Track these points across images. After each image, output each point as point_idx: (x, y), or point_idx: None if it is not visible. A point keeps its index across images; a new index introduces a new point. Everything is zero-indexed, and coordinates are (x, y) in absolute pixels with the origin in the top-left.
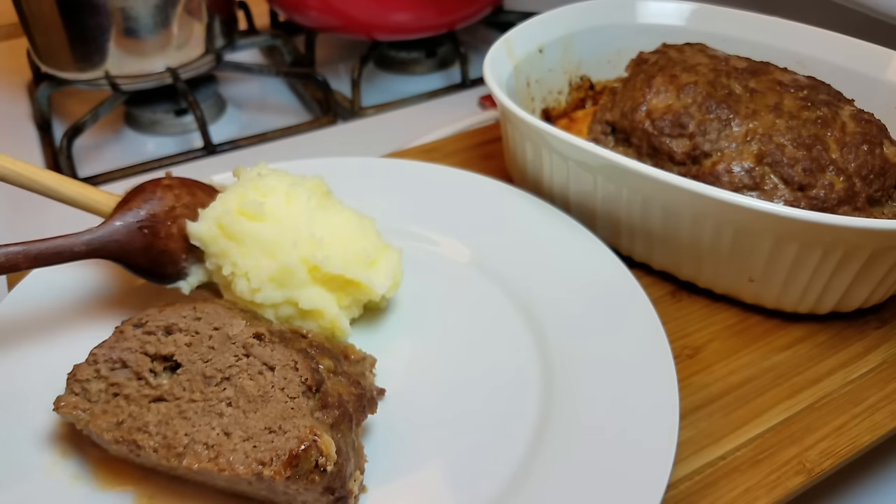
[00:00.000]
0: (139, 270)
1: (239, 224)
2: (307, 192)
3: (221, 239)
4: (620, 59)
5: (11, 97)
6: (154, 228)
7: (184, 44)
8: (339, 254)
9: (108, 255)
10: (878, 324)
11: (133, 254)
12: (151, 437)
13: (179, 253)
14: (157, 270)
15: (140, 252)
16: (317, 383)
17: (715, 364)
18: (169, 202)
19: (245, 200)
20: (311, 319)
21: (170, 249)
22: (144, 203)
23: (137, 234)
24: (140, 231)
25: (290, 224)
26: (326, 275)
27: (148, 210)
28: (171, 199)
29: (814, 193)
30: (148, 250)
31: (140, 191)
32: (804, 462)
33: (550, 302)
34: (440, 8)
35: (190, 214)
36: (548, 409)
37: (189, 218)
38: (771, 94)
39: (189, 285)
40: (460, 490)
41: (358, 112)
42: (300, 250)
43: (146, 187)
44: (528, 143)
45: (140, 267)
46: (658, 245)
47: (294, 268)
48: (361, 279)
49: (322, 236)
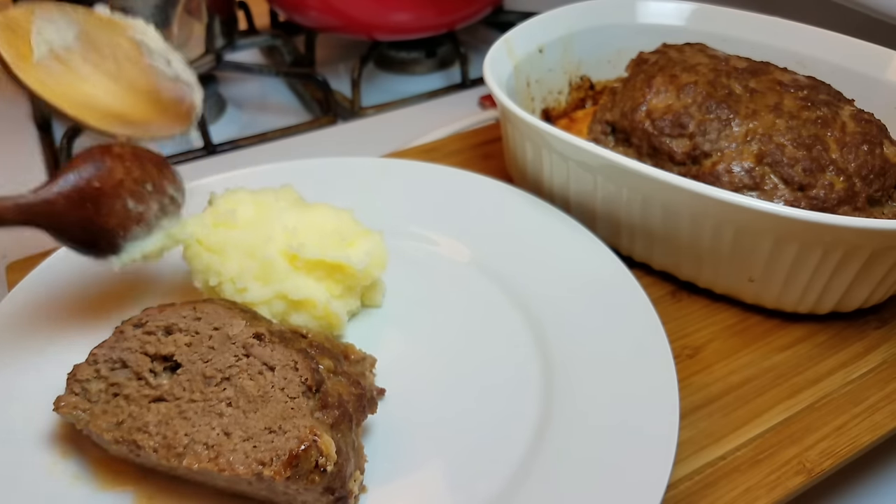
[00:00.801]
0: (69, 243)
1: (216, 235)
2: (274, 196)
3: (204, 254)
4: (620, 59)
5: (11, 97)
6: (97, 203)
7: (184, 44)
8: (315, 240)
9: (40, 223)
10: (878, 324)
11: (69, 227)
12: (151, 437)
13: (118, 230)
14: (89, 246)
15: (77, 226)
16: (317, 383)
17: (715, 364)
18: (118, 175)
19: (218, 213)
20: (304, 311)
21: (109, 227)
22: (92, 173)
23: (78, 206)
24: (82, 204)
25: (262, 223)
26: (307, 262)
27: (95, 182)
28: (120, 171)
29: (814, 193)
30: (86, 225)
31: (88, 157)
32: (804, 462)
33: (550, 302)
34: (440, 8)
35: (137, 191)
36: (547, 409)
37: (135, 197)
38: (771, 94)
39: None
40: (460, 490)
41: (358, 112)
42: (276, 243)
43: (95, 154)
44: (528, 143)
45: (72, 240)
46: (658, 245)
47: (273, 260)
48: (340, 259)
49: (295, 227)
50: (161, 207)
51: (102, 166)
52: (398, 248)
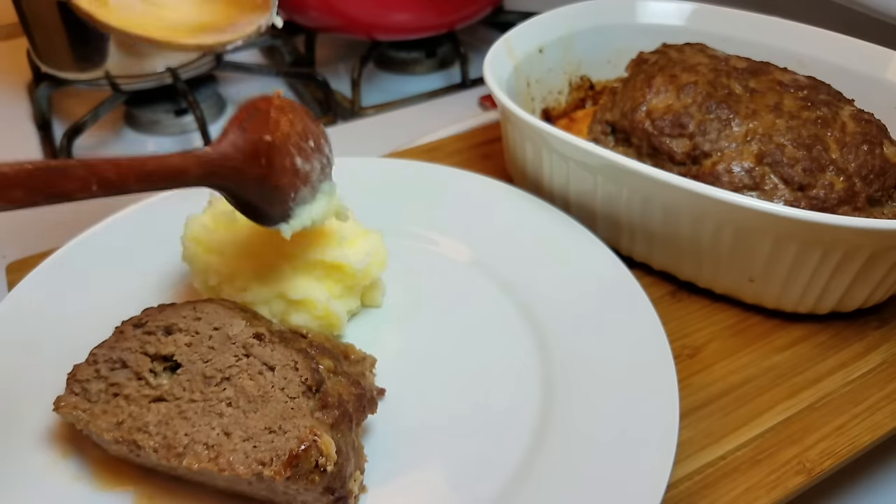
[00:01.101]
0: (246, 206)
1: (215, 236)
2: None
3: (202, 255)
4: (620, 59)
5: (11, 97)
6: (270, 158)
7: None
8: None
9: (221, 181)
10: (878, 324)
11: (247, 184)
12: (151, 437)
13: (289, 190)
14: (264, 207)
15: (254, 184)
16: (317, 383)
17: (715, 364)
18: (285, 128)
19: (216, 213)
20: (303, 310)
21: (282, 185)
22: (262, 127)
23: (253, 161)
24: (257, 159)
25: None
26: (307, 262)
27: (266, 136)
28: (286, 124)
29: (814, 193)
30: (262, 183)
31: (253, 110)
32: (804, 462)
33: (550, 302)
34: (440, 8)
35: (302, 148)
36: (547, 409)
37: (301, 154)
38: (771, 94)
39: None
40: (460, 490)
41: (358, 112)
42: (276, 244)
43: (260, 106)
44: (528, 143)
45: (249, 202)
46: (658, 245)
47: (273, 261)
48: (339, 259)
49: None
50: (321, 168)
51: (269, 119)
52: (398, 248)
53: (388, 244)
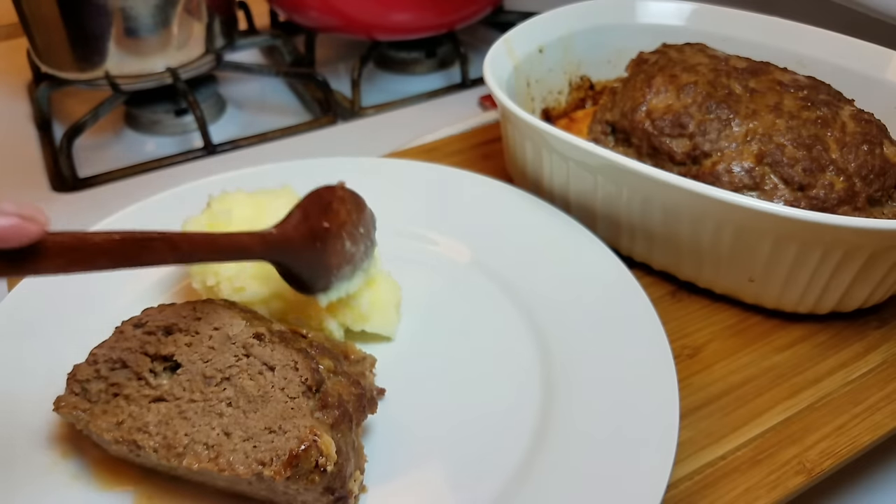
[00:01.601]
0: (294, 279)
1: None
2: (272, 196)
3: None
4: (620, 59)
5: (11, 97)
6: (325, 243)
7: (184, 44)
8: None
9: (279, 257)
10: (878, 324)
11: (301, 264)
12: (151, 437)
13: (334, 269)
14: (311, 281)
15: (307, 263)
16: (317, 383)
17: (715, 364)
18: (342, 217)
19: (213, 215)
20: (301, 312)
21: (331, 265)
22: (323, 215)
23: (310, 244)
24: (312, 243)
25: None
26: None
27: (325, 223)
28: (344, 213)
29: (814, 193)
30: (314, 263)
31: (317, 198)
32: (804, 462)
33: (550, 302)
34: (440, 8)
35: (354, 234)
36: (548, 408)
37: (352, 238)
38: (771, 94)
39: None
40: (460, 490)
41: (358, 112)
42: None
43: (325, 196)
44: (528, 143)
45: (299, 277)
46: (658, 245)
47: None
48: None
49: None
50: (366, 249)
51: (330, 209)
52: (398, 248)
53: (388, 244)
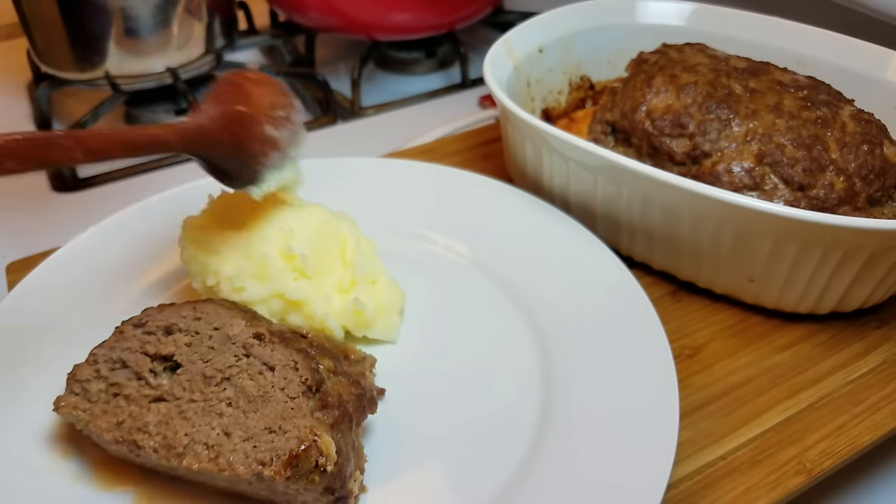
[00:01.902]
0: (219, 171)
1: (210, 236)
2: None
3: (201, 255)
4: (620, 59)
5: (11, 97)
6: (242, 126)
7: (184, 44)
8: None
9: (199, 149)
10: (878, 324)
11: (222, 152)
12: (151, 437)
13: (260, 156)
14: (237, 172)
15: (227, 149)
16: (317, 383)
17: (715, 364)
18: (256, 98)
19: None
20: (300, 313)
21: (254, 151)
22: (237, 99)
23: (227, 129)
24: (229, 127)
25: (256, 223)
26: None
27: (238, 105)
28: (258, 95)
29: (814, 193)
30: (236, 150)
31: (228, 83)
32: (804, 462)
33: (550, 302)
34: (440, 8)
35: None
36: (547, 408)
37: (272, 122)
38: (771, 94)
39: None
40: (460, 490)
41: (358, 112)
42: (272, 242)
43: (234, 80)
44: (528, 143)
45: (222, 168)
46: (658, 245)
47: (269, 258)
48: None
49: (291, 227)
50: (291, 135)
51: (242, 91)
52: (398, 248)
53: (388, 244)
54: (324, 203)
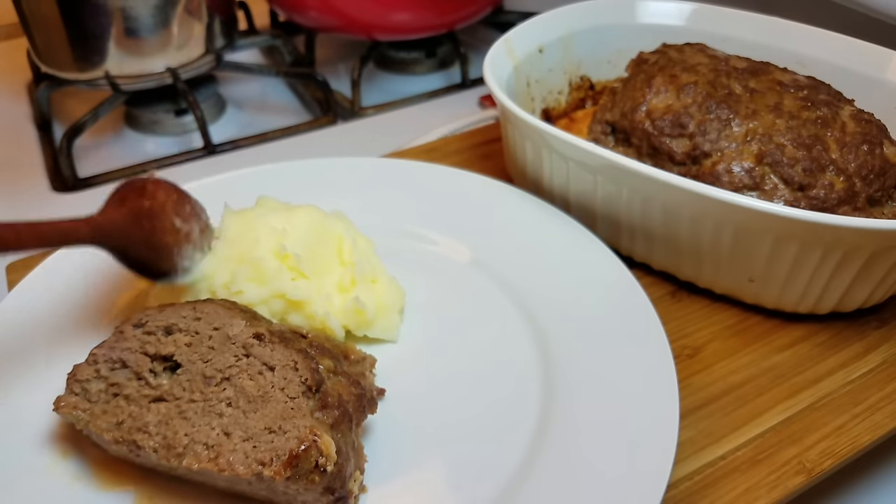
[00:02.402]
0: (136, 264)
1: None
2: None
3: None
4: (620, 59)
5: (11, 97)
6: (151, 220)
7: (184, 44)
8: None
9: (110, 242)
10: (878, 324)
11: (134, 244)
12: (151, 437)
13: (174, 247)
14: (154, 265)
15: (141, 243)
16: (317, 383)
17: (715, 364)
18: (161, 196)
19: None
20: (300, 313)
21: (167, 243)
22: (141, 196)
23: (137, 224)
24: (139, 222)
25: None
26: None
27: (144, 202)
28: (161, 193)
29: (814, 193)
30: (148, 242)
31: (129, 185)
32: (804, 462)
33: (550, 302)
34: (440, 8)
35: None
36: (547, 408)
37: (180, 216)
38: (771, 94)
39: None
40: (460, 490)
41: (358, 112)
42: (265, 244)
43: (137, 183)
44: (528, 143)
45: (138, 260)
46: (658, 245)
47: (262, 259)
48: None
49: (284, 228)
50: (201, 229)
51: (145, 189)
52: (398, 248)
53: (387, 244)
54: (324, 203)
